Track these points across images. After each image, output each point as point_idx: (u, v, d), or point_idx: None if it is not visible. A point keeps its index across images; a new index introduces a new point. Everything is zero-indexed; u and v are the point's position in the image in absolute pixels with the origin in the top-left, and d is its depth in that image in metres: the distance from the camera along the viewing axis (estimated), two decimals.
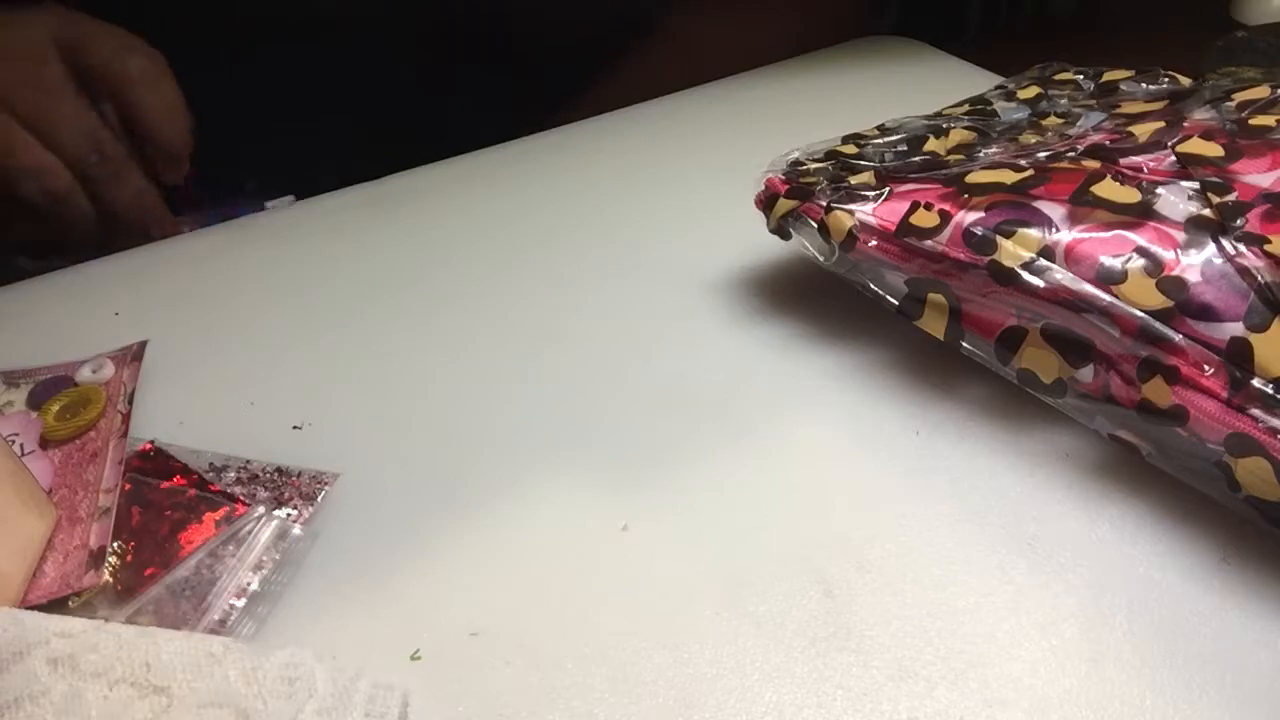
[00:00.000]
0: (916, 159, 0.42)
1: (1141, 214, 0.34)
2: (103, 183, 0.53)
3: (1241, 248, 0.32)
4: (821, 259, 0.40)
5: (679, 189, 0.55)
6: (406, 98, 0.63)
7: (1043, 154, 0.39)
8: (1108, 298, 0.33)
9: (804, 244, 0.41)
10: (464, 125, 0.61)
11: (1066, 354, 0.35)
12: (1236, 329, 0.31)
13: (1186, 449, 0.32)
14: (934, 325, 0.38)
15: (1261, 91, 0.40)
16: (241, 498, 0.35)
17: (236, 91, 0.58)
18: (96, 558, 0.32)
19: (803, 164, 0.43)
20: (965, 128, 0.45)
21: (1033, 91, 0.48)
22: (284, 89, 0.59)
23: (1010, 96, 0.48)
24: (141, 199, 0.55)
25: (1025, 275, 0.34)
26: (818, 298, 0.44)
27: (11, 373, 0.41)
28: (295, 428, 0.39)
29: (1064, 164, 0.38)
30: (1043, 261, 0.34)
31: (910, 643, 0.30)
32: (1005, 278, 0.35)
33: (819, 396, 0.40)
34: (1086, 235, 0.34)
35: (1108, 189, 0.35)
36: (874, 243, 0.38)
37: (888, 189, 0.39)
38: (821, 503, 0.35)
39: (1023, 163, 0.38)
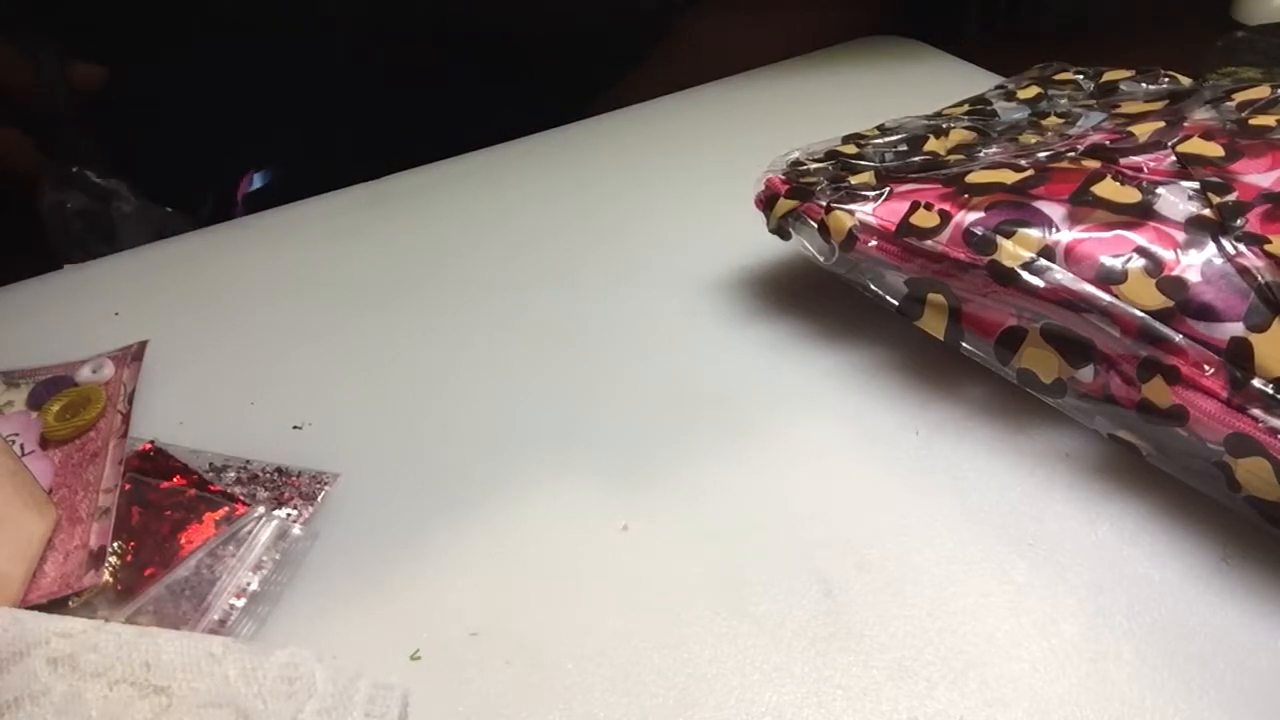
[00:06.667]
0: (916, 159, 0.42)
1: (1141, 214, 0.34)
2: None
3: (1242, 248, 0.32)
4: (821, 259, 0.40)
5: (679, 189, 0.55)
6: (407, 98, 0.63)
7: (1043, 154, 0.39)
8: (1108, 298, 0.33)
9: (804, 244, 0.41)
10: (465, 125, 0.61)
11: (1066, 354, 0.35)
12: (1237, 329, 0.31)
13: (1186, 449, 0.32)
14: (934, 325, 0.38)
15: (1261, 91, 0.40)
16: (241, 498, 0.35)
17: (237, 91, 0.58)
18: (96, 558, 0.32)
19: (803, 164, 0.43)
20: (965, 128, 0.45)
21: (1033, 91, 0.48)
22: (284, 89, 0.59)
23: (1010, 96, 0.49)
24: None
25: (1025, 275, 0.34)
26: (818, 298, 0.44)
27: (12, 373, 0.41)
28: (295, 428, 0.39)
29: (1064, 164, 0.38)
30: (1043, 261, 0.34)
31: (910, 643, 0.30)
32: (1005, 278, 0.35)
33: (819, 396, 0.40)
34: (1086, 235, 0.34)
35: (1108, 189, 0.35)
36: (874, 243, 0.38)
37: (888, 189, 0.39)
38: (821, 503, 0.35)
39: (1023, 163, 0.38)
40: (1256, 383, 0.30)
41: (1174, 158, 0.37)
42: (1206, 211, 0.34)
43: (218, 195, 0.60)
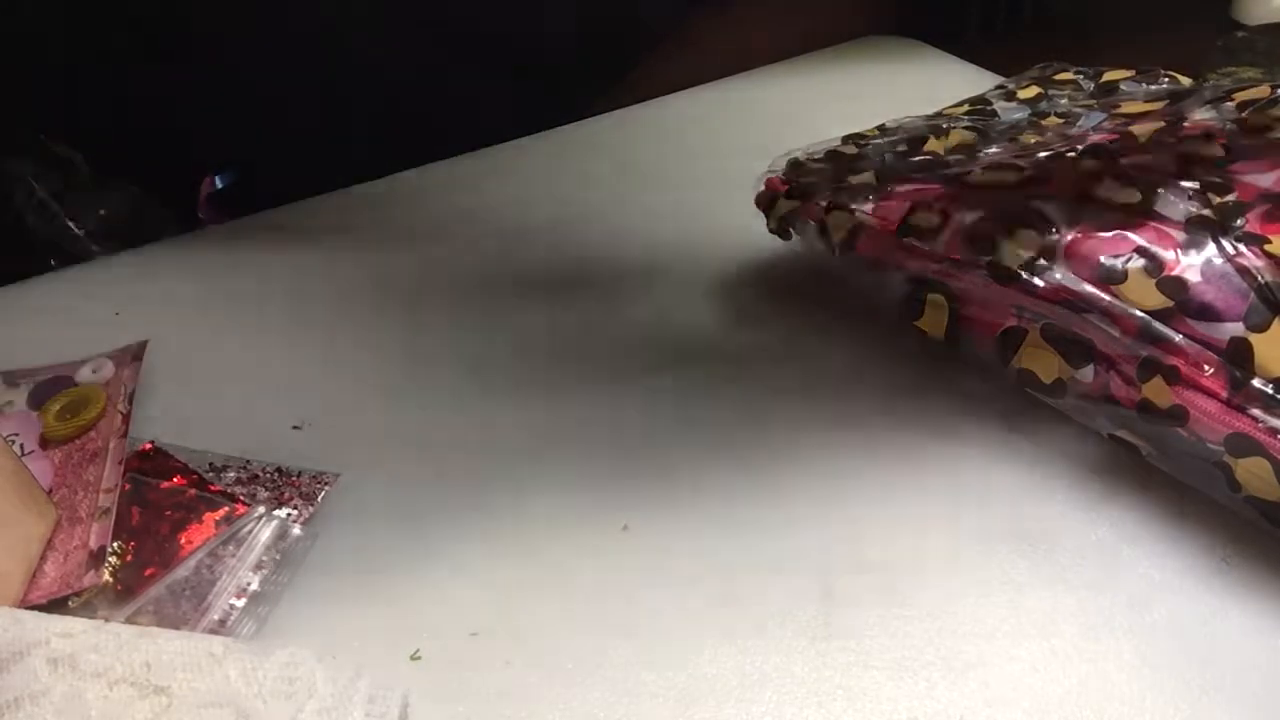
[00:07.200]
0: (916, 159, 0.42)
1: (1141, 214, 0.34)
2: None
3: (1241, 247, 0.32)
4: (822, 259, 0.40)
5: (679, 189, 0.55)
6: (407, 97, 0.63)
7: (1043, 154, 0.39)
8: (1108, 298, 0.33)
9: (804, 244, 0.41)
10: (465, 125, 0.61)
11: (1066, 354, 0.35)
12: (1237, 329, 0.31)
13: (1187, 449, 0.32)
14: (934, 325, 0.38)
15: (1261, 91, 0.40)
16: (241, 498, 0.35)
17: (236, 90, 0.58)
18: (96, 558, 0.32)
19: (803, 164, 0.43)
20: (965, 128, 0.45)
21: (1033, 91, 0.48)
22: (284, 88, 0.59)
23: (1010, 96, 0.49)
24: None
25: (1025, 275, 0.34)
26: (818, 298, 0.44)
27: (12, 373, 0.40)
28: (295, 428, 0.39)
29: (1064, 164, 0.38)
30: (1043, 261, 0.34)
31: (910, 643, 0.30)
32: (1005, 278, 0.35)
33: (819, 397, 0.40)
34: (1086, 235, 0.34)
35: (1108, 189, 0.35)
36: (874, 243, 0.38)
37: (888, 189, 0.39)
38: (821, 502, 0.35)
39: (1023, 163, 0.38)
40: (1256, 383, 0.30)
41: (1174, 158, 0.37)
42: (1206, 211, 0.34)
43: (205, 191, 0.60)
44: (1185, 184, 0.35)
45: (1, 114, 0.56)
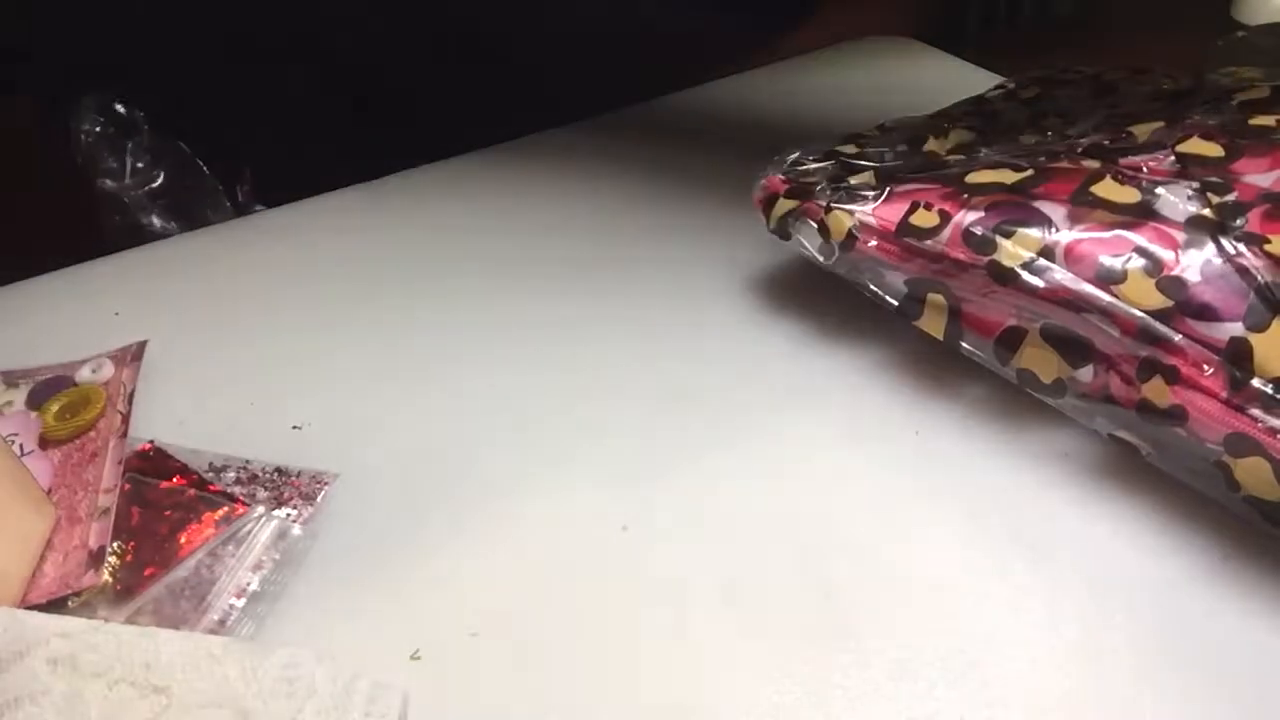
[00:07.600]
0: (916, 159, 0.42)
1: (1141, 214, 0.34)
2: None
3: (1241, 247, 0.32)
4: (821, 259, 0.40)
5: (679, 189, 0.55)
6: (407, 97, 0.63)
7: (1043, 154, 0.39)
8: (1107, 297, 0.33)
9: (804, 244, 0.41)
10: (465, 125, 0.61)
11: (1066, 354, 0.35)
12: (1236, 329, 0.31)
13: (1186, 449, 0.32)
14: (933, 325, 0.38)
15: (1261, 91, 0.40)
16: (241, 498, 0.35)
17: (235, 89, 0.58)
18: (96, 558, 0.32)
19: (803, 164, 0.43)
20: (965, 128, 0.45)
21: (1033, 91, 0.48)
22: (283, 87, 0.59)
23: (1010, 96, 0.49)
24: None
25: (1025, 275, 0.34)
26: (818, 298, 0.44)
27: (11, 373, 0.41)
28: (295, 428, 0.39)
29: (1064, 164, 0.37)
30: (1042, 261, 0.34)
31: (910, 643, 0.30)
32: (1005, 278, 0.35)
33: (819, 396, 0.40)
34: (1086, 235, 0.34)
35: (1107, 189, 0.35)
36: (874, 243, 0.38)
37: (888, 189, 0.39)
38: (821, 502, 0.35)
39: (1023, 163, 0.38)
40: (1256, 382, 0.30)
41: (1174, 158, 0.36)
42: (1206, 211, 0.34)
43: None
44: (1185, 184, 0.35)
45: (72, 72, 0.56)
